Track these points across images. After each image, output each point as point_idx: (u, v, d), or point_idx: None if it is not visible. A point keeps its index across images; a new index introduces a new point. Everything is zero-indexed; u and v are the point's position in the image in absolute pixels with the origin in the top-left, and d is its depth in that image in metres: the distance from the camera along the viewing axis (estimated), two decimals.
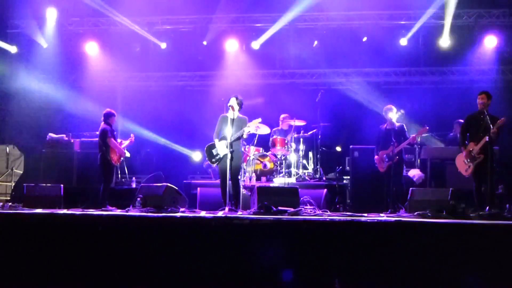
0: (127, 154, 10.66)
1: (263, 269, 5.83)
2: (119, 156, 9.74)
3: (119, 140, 10.06)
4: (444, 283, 5.59)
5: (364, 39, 13.15)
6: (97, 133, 9.85)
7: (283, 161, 10.98)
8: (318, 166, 11.45)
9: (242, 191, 9.22)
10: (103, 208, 8.66)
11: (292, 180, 10.71)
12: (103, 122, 9.73)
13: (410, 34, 12.89)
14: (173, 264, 6.05)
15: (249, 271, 5.86)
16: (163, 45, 13.75)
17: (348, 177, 11.03)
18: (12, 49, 13.47)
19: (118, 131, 12.19)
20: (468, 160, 8.11)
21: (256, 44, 13.44)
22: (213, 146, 8.72)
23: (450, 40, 12.75)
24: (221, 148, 8.55)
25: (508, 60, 13.00)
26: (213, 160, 8.72)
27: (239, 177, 9.16)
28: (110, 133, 9.60)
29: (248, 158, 10.63)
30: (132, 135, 10.37)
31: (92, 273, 6.15)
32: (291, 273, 5.76)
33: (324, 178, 11.29)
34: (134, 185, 11.61)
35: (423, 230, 5.90)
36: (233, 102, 8.59)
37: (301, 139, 11.40)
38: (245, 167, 10.57)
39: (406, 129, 9.33)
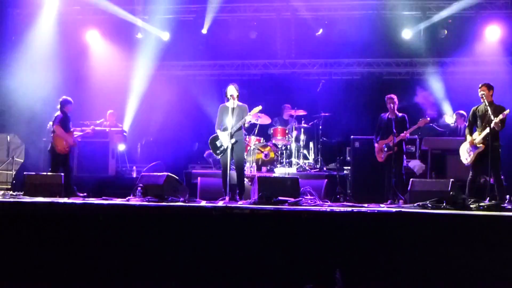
0: (121, 147, 10.56)
1: (263, 259, 5.85)
2: (65, 145, 9.73)
3: (74, 129, 10.15)
4: (444, 274, 5.60)
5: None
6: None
7: (284, 151, 10.98)
8: (318, 156, 11.45)
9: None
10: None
11: (293, 170, 10.70)
12: (59, 110, 9.85)
13: (415, 27, 12.83)
14: (173, 253, 6.07)
15: (249, 261, 5.88)
16: (165, 34, 13.67)
17: (349, 167, 11.03)
18: (12, 37, 13.41)
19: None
20: (470, 149, 8.14)
21: (255, 34, 13.37)
22: (216, 138, 8.63)
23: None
24: (225, 139, 8.49)
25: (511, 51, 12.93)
26: (218, 152, 8.63)
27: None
28: (59, 120, 9.70)
29: (249, 148, 10.62)
30: (92, 126, 10.42)
31: (92, 261, 6.16)
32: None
33: (324, 169, 11.29)
34: (134, 175, 11.62)
35: (423, 221, 5.90)
36: (233, 90, 8.52)
37: (302, 129, 11.38)
38: (246, 157, 10.55)
39: (407, 120, 9.30)
